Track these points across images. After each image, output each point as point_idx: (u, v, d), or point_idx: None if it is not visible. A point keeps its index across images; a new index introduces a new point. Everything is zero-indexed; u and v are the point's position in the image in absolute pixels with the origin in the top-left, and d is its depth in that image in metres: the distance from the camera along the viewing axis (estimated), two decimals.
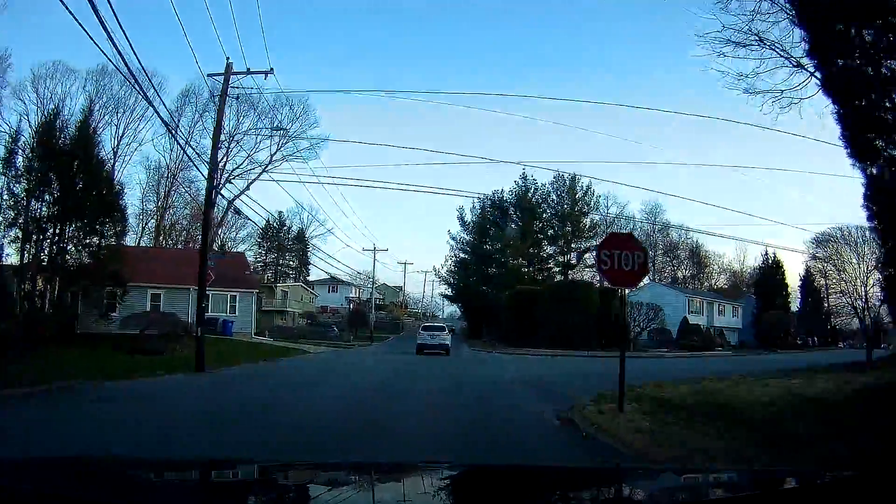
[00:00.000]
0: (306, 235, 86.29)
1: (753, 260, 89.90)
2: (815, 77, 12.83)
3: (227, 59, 22.91)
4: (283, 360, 27.60)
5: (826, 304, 78.58)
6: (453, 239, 64.91)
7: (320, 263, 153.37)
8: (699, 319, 52.72)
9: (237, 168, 61.09)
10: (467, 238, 64.33)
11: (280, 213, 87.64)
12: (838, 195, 69.42)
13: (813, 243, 64.13)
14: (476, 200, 65.06)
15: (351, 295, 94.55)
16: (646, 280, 78.69)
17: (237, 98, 25.99)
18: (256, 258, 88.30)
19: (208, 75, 24.62)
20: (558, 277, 61.51)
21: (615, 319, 43.15)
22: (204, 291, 21.21)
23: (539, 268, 63.77)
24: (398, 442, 7.97)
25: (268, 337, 44.89)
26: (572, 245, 66.17)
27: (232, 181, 59.72)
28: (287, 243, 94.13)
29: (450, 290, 66.86)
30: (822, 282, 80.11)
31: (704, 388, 12.84)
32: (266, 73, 24.02)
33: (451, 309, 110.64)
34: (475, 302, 61.76)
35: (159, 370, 18.89)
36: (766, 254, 73.66)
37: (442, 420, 9.92)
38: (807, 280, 76.41)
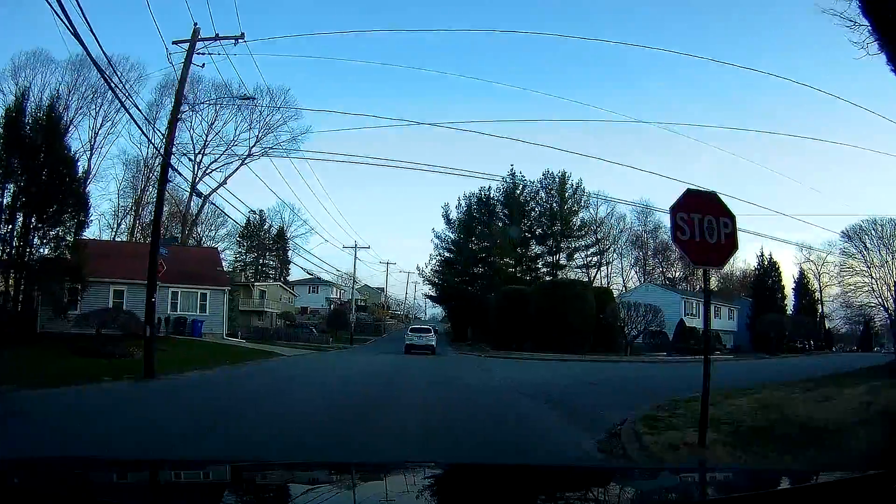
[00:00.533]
0: (287, 235, 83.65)
1: (743, 262, 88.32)
2: None
3: (195, 24, 20.18)
4: (251, 364, 24.66)
5: (820, 307, 77.09)
6: (438, 238, 62.14)
7: (302, 264, 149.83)
8: (695, 322, 50.36)
9: (215, 161, 58.99)
10: (452, 237, 61.60)
11: (261, 211, 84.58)
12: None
13: (843, 237, 62.19)
14: (462, 198, 62.51)
15: (332, 295, 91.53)
16: (637, 282, 77.48)
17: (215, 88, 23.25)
18: (237, 258, 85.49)
19: (174, 42, 21.61)
20: (546, 278, 58.98)
21: (608, 321, 40.94)
22: (154, 284, 18.25)
23: (527, 268, 61.16)
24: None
25: (240, 338, 41.85)
26: (561, 245, 63.76)
27: (210, 174, 57.32)
28: (267, 242, 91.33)
29: (434, 290, 63.98)
30: (815, 284, 78.89)
31: (765, 401, 10.21)
32: (236, 38, 21.13)
33: (435, 311, 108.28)
34: (460, 303, 59.01)
35: (105, 376, 16.81)
36: (762, 254, 71.83)
37: (439, 455, 7.13)
38: (801, 282, 74.75)
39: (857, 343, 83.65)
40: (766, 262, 71.47)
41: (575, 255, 63.32)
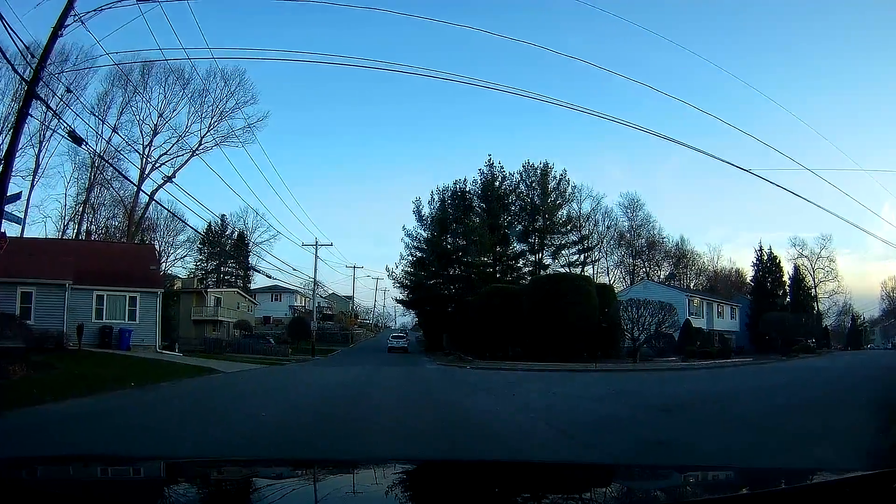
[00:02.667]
0: (250, 240, 77.81)
1: (728, 261, 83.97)
2: None
3: None
4: (166, 386, 18.33)
5: (816, 304, 73.05)
6: (409, 236, 56.04)
7: (268, 271, 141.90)
8: (699, 322, 45.29)
9: (165, 154, 51.94)
10: (425, 235, 55.58)
11: (222, 216, 77.99)
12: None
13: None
14: (435, 192, 56.63)
15: (296, 303, 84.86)
16: (623, 283, 72.58)
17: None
18: (197, 265, 79.28)
19: None
20: (527, 279, 53.35)
21: (610, 323, 35.42)
22: None
23: (507, 267, 55.48)
24: None
25: (178, 351, 35.24)
26: (545, 242, 58.30)
27: (160, 168, 50.27)
28: (230, 249, 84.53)
29: (405, 293, 57.70)
30: (810, 280, 74.93)
31: None
32: None
33: (405, 319, 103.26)
34: (434, 307, 53.04)
35: None
36: (761, 249, 67.44)
37: None
38: (796, 278, 70.61)
39: (847, 341, 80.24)
40: (765, 258, 67.16)
41: (560, 253, 57.80)
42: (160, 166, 50.14)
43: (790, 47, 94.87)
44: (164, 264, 71.11)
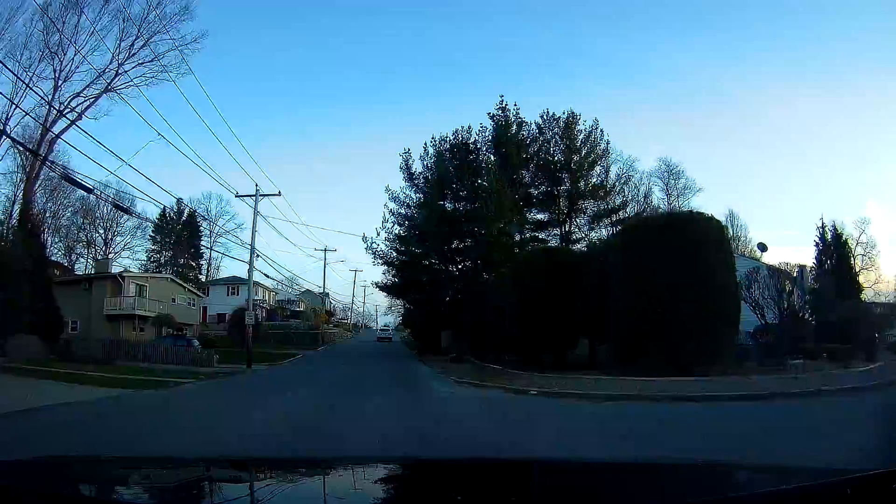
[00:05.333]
0: (215, 229, 66.82)
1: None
2: None
3: None
4: None
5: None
6: (394, 199, 41.36)
7: (235, 266, 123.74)
8: None
9: (79, 96, 36.95)
10: (416, 198, 41.33)
11: (179, 200, 62.93)
12: None
13: None
14: (430, 144, 42.28)
15: (257, 297, 70.08)
16: None
17: None
18: (150, 257, 68.28)
19: None
20: None
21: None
22: None
23: (532, 238, 41.59)
24: None
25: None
26: (574, 208, 44.53)
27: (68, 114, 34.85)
28: (183, 235, 71.72)
29: (390, 273, 42.82)
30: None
31: None
32: None
33: (388, 319, 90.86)
34: (431, 294, 38.59)
35: None
36: (823, 226, 53.81)
37: None
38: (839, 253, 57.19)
39: None
40: (828, 236, 53.56)
41: (598, 223, 43.70)
42: (68, 111, 35.61)
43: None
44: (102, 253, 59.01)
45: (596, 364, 21.39)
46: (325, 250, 58.93)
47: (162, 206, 65.53)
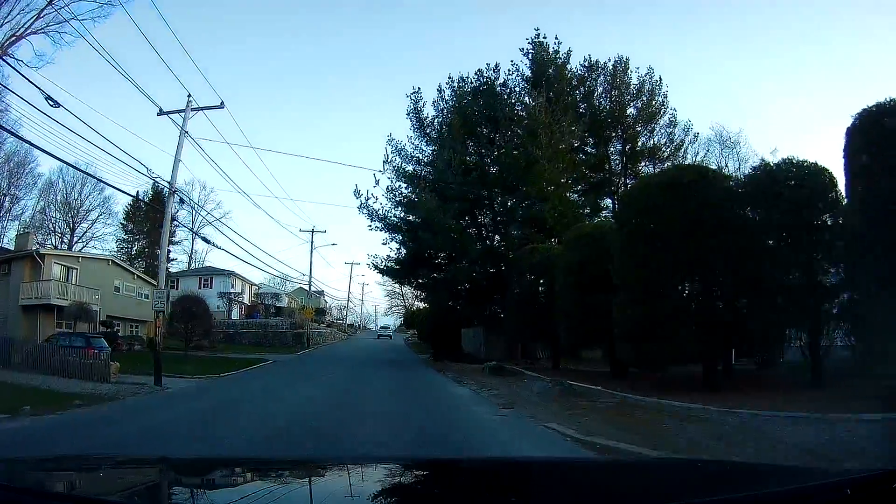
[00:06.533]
0: (198, 218, 55.37)
1: None
2: None
3: None
4: None
5: None
6: (398, 151, 30.56)
7: (223, 258, 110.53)
8: None
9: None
10: (428, 149, 30.81)
11: (154, 181, 51.95)
12: None
13: None
14: (445, 85, 31.76)
15: (232, 289, 59.45)
16: None
17: None
18: (119, 248, 60.83)
19: None
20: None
21: None
22: None
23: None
24: None
25: None
26: (629, 168, 34.77)
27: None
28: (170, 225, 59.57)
29: (393, 244, 31.72)
30: None
31: None
32: None
33: (389, 320, 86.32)
34: (449, 275, 27.79)
35: None
36: None
37: None
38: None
39: None
40: None
41: None
42: None
43: None
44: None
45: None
46: (313, 231, 48.13)
47: (135, 191, 56.53)
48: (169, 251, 54.31)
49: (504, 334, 24.02)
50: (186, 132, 18.85)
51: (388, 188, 28.44)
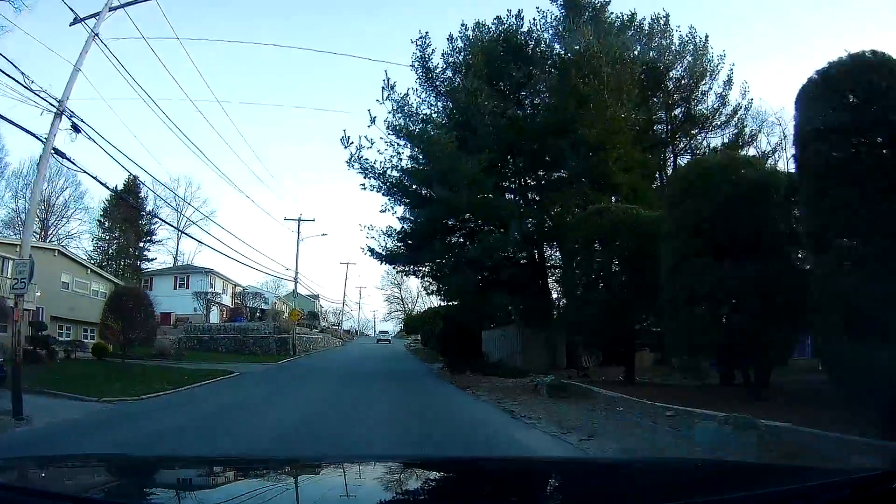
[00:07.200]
0: (183, 219, 52.38)
1: None
2: None
3: None
4: None
5: None
6: (400, 110, 22.50)
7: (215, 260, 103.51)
8: None
9: None
10: (438, 104, 24.47)
11: (134, 177, 45.12)
12: None
13: None
14: (459, 35, 25.35)
15: (211, 289, 53.11)
16: None
17: None
18: (96, 247, 56.04)
19: None
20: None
21: None
22: None
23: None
24: None
25: None
26: (678, 137, 29.30)
27: None
28: (148, 222, 58.51)
29: (398, 206, 24.40)
30: None
31: None
32: None
33: (387, 326, 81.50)
34: (478, 248, 20.60)
35: None
36: None
37: None
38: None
39: None
40: None
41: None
42: None
43: None
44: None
45: None
46: (300, 220, 41.88)
47: (114, 187, 50.62)
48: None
49: (550, 334, 17.78)
50: (97, 34, 12.55)
51: (388, 125, 21.53)
